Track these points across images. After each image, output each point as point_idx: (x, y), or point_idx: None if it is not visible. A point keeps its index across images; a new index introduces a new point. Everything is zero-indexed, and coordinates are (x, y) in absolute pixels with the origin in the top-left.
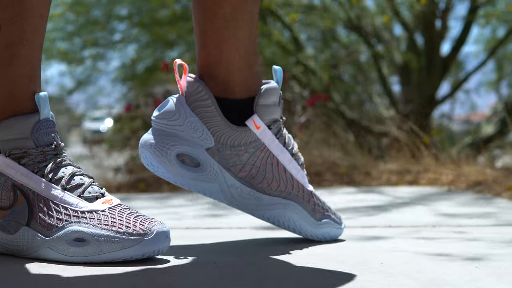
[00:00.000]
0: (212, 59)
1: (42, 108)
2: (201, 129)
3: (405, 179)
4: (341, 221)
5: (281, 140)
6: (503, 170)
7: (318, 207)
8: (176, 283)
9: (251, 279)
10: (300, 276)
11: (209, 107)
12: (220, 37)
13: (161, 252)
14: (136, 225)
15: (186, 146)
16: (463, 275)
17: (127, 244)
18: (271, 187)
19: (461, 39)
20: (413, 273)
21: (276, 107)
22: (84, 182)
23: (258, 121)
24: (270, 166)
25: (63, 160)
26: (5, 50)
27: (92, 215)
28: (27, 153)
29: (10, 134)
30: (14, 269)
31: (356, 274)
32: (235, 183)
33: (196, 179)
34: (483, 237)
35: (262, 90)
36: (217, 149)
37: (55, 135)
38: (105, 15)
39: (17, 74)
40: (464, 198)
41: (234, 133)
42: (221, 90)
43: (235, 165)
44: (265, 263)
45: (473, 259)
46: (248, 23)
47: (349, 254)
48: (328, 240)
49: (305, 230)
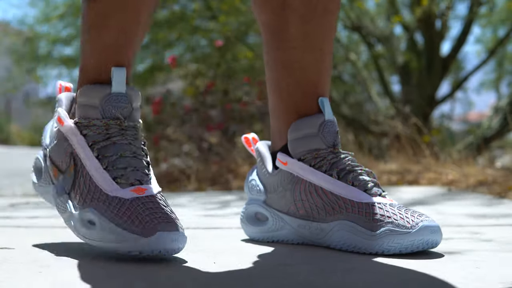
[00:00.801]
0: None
1: (115, 81)
2: (255, 186)
3: (405, 179)
4: (416, 224)
5: (320, 167)
6: (503, 170)
7: (377, 217)
8: (176, 283)
9: (251, 279)
10: (300, 276)
11: (262, 164)
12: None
13: (161, 254)
14: (143, 222)
15: (253, 204)
16: (463, 275)
17: (125, 239)
18: (327, 214)
19: (461, 39)
20: (413, 273)
21: (309, 138)
22: (127, 166)
23: (283, 158)
24: (314, 194)
25: (121, 139)
26: (99, 19)
27: (113, 201)
28: (91, 124)
29: (84, 100)
30: (14, 270)
31: (354, 274)
32: (301, 223)
33: (267, 231)
34: (495, 237)
35: (290, 127)
36: (270, 198)
37: (127, 111)
38: None
39: (105, 44)
40: (469, 200)
41: (273, 178)
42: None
43: (288, 206)
44: (265, 263)
45: (474, 259)
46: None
47: (350, 253)
48: (397, 253)
49: (359, 246)
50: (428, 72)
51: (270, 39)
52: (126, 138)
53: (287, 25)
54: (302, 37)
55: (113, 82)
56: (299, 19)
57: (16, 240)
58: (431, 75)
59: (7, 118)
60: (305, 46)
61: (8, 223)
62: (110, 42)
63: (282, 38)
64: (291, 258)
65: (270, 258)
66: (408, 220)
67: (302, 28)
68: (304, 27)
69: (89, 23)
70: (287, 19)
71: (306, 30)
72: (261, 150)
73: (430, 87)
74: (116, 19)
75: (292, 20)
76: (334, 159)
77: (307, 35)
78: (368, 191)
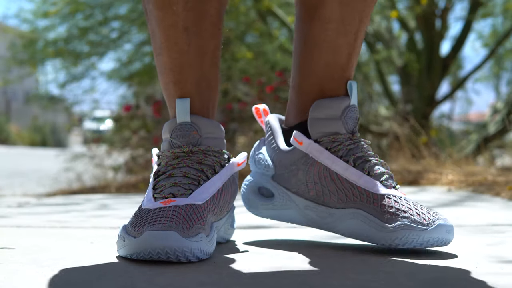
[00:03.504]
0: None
1: (350, 94)
2: (263, 160)
3: (405, 179)
4: (432, 222)
5: (335, 152)
6: (503, 170)
7: (392, 209)
8: (176, 283)
9: (251, 279)
10: (300, 275)
11: (272, 139)
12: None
13: (149, 255)
14: (136, 227)
15: (257, 179)
16: (464, 275)
17: (126, 243)
18: (339, 200)
19: (461, 39)
20: (413, 273)
21: (329, 121)
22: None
23: (300, 137)
24: (328, 179)
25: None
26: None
27: (139, 213)
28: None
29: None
30: (14, 270)
31: (356, 274)
32: (309, 204)
33: (273, 209)
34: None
35: (313, 105)
36: (278, 175)
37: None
38: (101, 13)
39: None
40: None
41: (285, 155)
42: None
43: (298, 185)
44: (265, 263)
45: (474, 261)
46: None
47: (349, 254)
48: (410, 248)
49: (372, 236)
50: (428, 72)
51: (305, 15)
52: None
53: (324, 3)
54: (338, 19)
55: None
56: (337, 1)
57: (16, 240)
58: (431, 75)
59: (6, 118)
60: (339, 28)
61: (8, 223)
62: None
63: (317, 16)
64: (291, 258)
65: (270, 258)
66: (425, 217)
67: (339, 9)
68: (342, 9)
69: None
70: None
71: (343, 12)
72: (273, 124)
73: (430, 87)
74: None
75: (329, 0)
76: (351, 146)
77: (344, 18)
78: (383, 182)
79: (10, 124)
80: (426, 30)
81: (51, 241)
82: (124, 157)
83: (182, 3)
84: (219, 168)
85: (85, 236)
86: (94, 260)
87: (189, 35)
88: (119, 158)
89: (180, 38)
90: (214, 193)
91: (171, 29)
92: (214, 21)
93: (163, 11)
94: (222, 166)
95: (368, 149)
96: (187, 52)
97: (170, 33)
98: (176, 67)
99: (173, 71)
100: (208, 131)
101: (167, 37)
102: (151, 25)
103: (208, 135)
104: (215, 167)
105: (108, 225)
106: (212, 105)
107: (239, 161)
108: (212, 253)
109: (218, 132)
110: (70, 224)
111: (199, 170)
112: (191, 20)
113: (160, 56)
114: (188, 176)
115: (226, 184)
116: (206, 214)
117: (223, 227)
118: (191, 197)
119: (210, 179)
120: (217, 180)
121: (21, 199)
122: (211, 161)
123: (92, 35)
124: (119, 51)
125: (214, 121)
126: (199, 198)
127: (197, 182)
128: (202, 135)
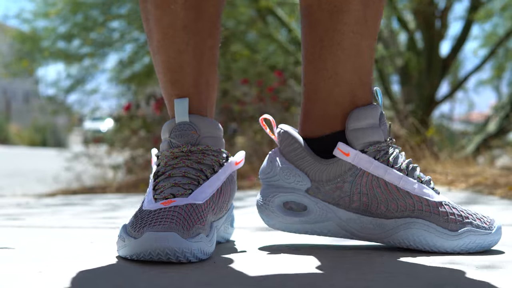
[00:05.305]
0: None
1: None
2: (294, 173)
3: None
4: (492, 225)
5: (384, 161)
6: (503, 170)
7: (453, 216)
8: (176, 283)
9: (251, 279)
10: (300, 275)
11: (298, 150)
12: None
13: (149, 256)
14: (137, 228)
15: (286, 193)
16: (464, 275)
17: (126, 244)
18: (390, 210)
19: (461, 39)
20: (414, 273)
21: (371, 130)
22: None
23: (346, 148)
24: (379, 189)
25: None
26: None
27: (139, 214)
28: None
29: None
30: (14, 270)
31: (358, 274)
32: (351, 216)
33: (307, 223)
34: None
35: (351, 115)
36: (316, 188)
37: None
38: (102, 14)
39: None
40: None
41: (325, 167)
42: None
43: (341, 198)
44: (265, 263)
45: (474, 260)
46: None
47: (350, 254)
48: (473, 252)
49: (439, 245)
50: (427, 72)
51: (328, 19)
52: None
53: (349, 7)
54: (362, 22)
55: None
56: (360, 2)
57: (16, 240)
58: (430, 75)
59: (6, 118)
60: (363, 31)
61: (8, 223)
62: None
63: (342, 20)
64: (293, 258)
65: (270, 258)
66: (484, 221)
67: (363, 12)
68: (364, 11)
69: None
70: (349, 1)
71: (366, 15)
72: (295, 135)
73: (430, 87)
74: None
75: (354, 3)
76: (395, 154)
77: (366, 20)
78: (434, 189)
79: (10, 124)
80: (426, 30)
81: (51, 241)
82: (124, 157)
83: (181, 1)
84: (218, 167)
85: (85, 236)
86: (94, 260)
87: (188, 34)
88: (119, 158)
89: (179, 37)
90: (213, 192)
91: (169, 28)
92: (213, 19)
93: (162, 10)
94: (221, 165)
95: (404, 154)
96: (185, 52)
97: (168, 32)
98: (174, 66)
99: (171, 70)
100: (207, 131)
101: (165, 36)
102: (149, 24)
103: (207, 134)
104: (214, 166)
105: (108, 225)
106: (211, 104)
107: (238, 160)
108: (212, 253)
109: (217, 131)
110: (70, 224)
111: (199, 170)
112: (190, 19)
113: (157, 56)
114: (187, 176)
115: (225, 183)
116: (206, 214)
117: (223, 226)
118: (191, 197)
119: (210, 179)
120: (217, 180)
121: (21, 199)
122: (210, 160)
123: (93, 34)
124: (120, 52)
125: (212, 120)
126: (199, 198)
127: (197, 182)
128: (201, 134)
